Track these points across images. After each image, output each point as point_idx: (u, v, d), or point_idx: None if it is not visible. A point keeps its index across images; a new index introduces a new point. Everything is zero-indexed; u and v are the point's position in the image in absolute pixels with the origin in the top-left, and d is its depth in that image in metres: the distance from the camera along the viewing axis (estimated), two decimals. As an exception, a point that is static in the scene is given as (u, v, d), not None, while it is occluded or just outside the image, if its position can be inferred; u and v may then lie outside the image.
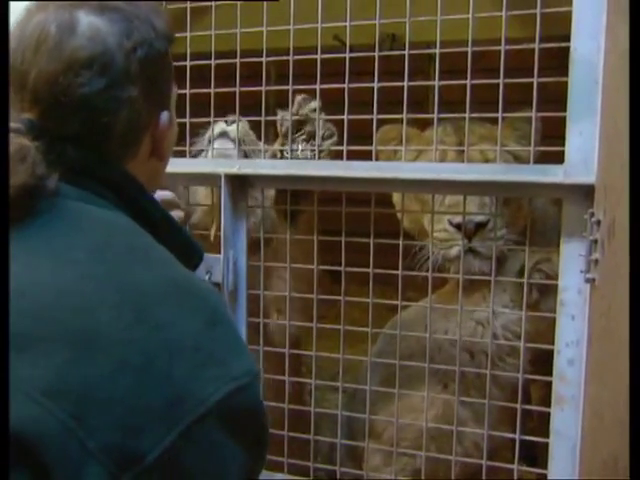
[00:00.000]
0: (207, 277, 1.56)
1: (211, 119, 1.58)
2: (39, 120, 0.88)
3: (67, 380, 0.72)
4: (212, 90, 1.56)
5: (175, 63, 1.01)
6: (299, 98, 1.61)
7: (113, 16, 0.89)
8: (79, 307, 0.75)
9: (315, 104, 1.61)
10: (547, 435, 1.37)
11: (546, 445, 1.37)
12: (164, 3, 1.56)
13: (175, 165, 1.56)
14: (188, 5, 1.56)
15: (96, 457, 0.70)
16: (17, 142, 0.82)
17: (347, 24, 1.45)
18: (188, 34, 1.57)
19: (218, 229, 1.59)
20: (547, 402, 1.40)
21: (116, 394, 0.72)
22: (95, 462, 0.70)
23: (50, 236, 0.82)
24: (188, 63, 1.57)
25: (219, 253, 1.54)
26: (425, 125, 1.84)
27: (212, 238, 1.63)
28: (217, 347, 0.79)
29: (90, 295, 0.76)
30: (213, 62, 1.56)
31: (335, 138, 1.58)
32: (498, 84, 1.36)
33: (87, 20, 0.88)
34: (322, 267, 1.57)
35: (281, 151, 1.66)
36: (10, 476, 0.69)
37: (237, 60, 1.53)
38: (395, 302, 1.53)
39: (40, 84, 0.87)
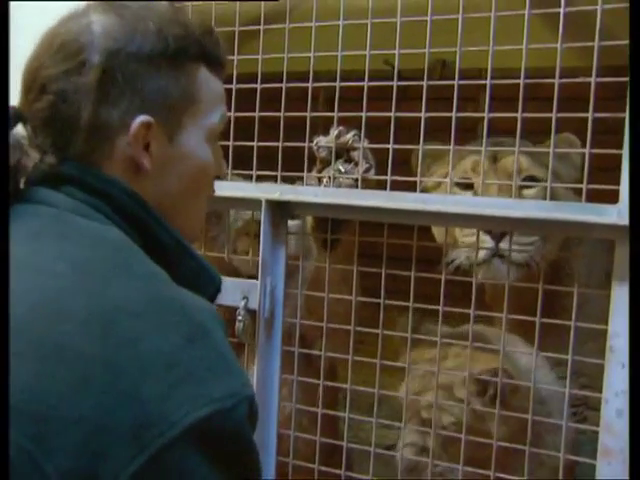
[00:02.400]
0: (243, 303, 1.54)
1: (254, 143, 1.56)
2: (21, 105, 0.89)
3: (28, 398, 0.68)
4: (257, 114, 1.55)
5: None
6: (336, 131, 1.57)
7: (114, 13, 0.88)
8: (50, 320, 0.72)
9: (352, 134, 1.58)
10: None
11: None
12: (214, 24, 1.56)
13: (216, 188, 1.57)
14: (236, 29, 1.55)
15: None
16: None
17: (396, 52, 1.42)
18: (235, 57, 1.56)
19: (256, 254, 1.57)
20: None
21: (78, 413, 0.67)
22: None
23: (37, 248, 0.80)
24: (234, 86, 1.56)
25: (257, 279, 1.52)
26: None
27: (250, 264, 1.61)
28: (197, 365, 0.72)
29: (62, 308, 0.73)
30: (259, 86, 1.55)
31: (373, 171, 1.55)
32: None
33: (88, 16, 0.89)
34: (361, 299, 1.54)
35: (319, 178, 1.63)
36: None
37: (283, 85, 1.52)
38: (435, 338, 1.48)
39: (25, 68, 0.90)
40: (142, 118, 0.87)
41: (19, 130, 0.86)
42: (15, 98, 0.91)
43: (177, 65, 0.90)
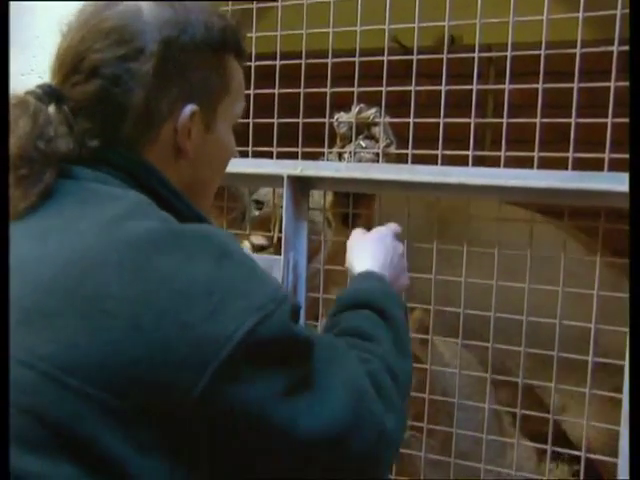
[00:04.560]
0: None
1: (275, 120, 1.56)
2: (59, 85, 0.89)
3: (84, 352, 0.71)
4: (276, 91, 1.55)
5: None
6: (357, 107, 1.58)
7: (163, 3, 0.89)
8: (83, 275, 0.75)
9: (373, 111, 1.59)
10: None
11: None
12: (230, 3, 1.56)
13: (237, 165, 1.58)
14: (254, 5, 1.55)
15: (135, 419, 0.71)
16: (34, 108, 0.84)
17: (415, 25, 1.42)
18: (254, 34, 1.56)
19: (279, 230, 1.58)
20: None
21: (135, 355, 0.71)
22: (135, 423, 0.71)
23: (61, 211, 0.82)
24: (253, 63, 1.56)
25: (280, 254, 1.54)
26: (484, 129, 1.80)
27: (275, 240, 1.62)
28: (232, 282, 0.77)
29: (92, 261, 0.76)
30: (278, 63, 1.55)
31: (394, 146, 1.56)
32: (560, 88, 1.32)
33: (136, 3, 0.89)
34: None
35: (340, 154, 1.64)
36: (50, 463, 0.70)
37: (302, 61, 1.52)
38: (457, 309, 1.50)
39: (65, 50, 0.89)
40: (191, 107, 0.89)
41: (51, 111, 0.86)
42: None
43: (219, 56, 0.93)
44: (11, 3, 0.97)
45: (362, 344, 0.95)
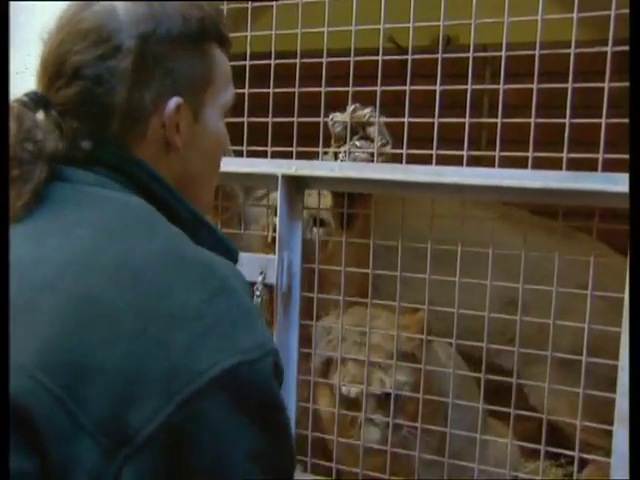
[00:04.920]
0: (261, 278, 1.55)
1: (269, 119, 1.56)
2: (44, 91, 0.89)
3: (62, 350, 0.70)
4: (271, 90, 1.55)
5: (235, 63, 1.00)
6: (352, 107, 1.58)
7: (138, 1, 0.89)
8: (79, 275, 0.74)
9: (368, 111, 1.59)
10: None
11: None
12: (225, 3, 1.56)
13: (232, 165, 1.58)
14: (249, 5, 1.55)
15: (88, 431, 0.68)
16: (17, 112, 0.84)
17: (410, 25, 1.42)
18: (249, 33, 1.56)
19: (274, 230, 1.58)
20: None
21: (109, 363, 0.69)
22: (87, 436, 0.68)
23: (61, 215, 0.82)
24: (248, 63, 1.56)
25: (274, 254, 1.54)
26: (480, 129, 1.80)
27: (269, 239, 1.62)
28: (222, 318, 0.74)
29: (90, 265, 0.75)
30: (273, 62, 1.55)
31: (390, 146, 1.56)
32: (555, 89, 1.32)
33: (111, 2, 0.89)
34: (376, 272, 1.55)
35: (335, 154, 1.64)
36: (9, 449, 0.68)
37: (297, 60, 1.52)
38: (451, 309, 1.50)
39: (47, 55, 0.89)
40: (175, 100, 0.89)
41: (39, 117, 0.86)
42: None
43: (198, 46, 0.92)
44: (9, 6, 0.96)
45: None
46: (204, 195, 0.99)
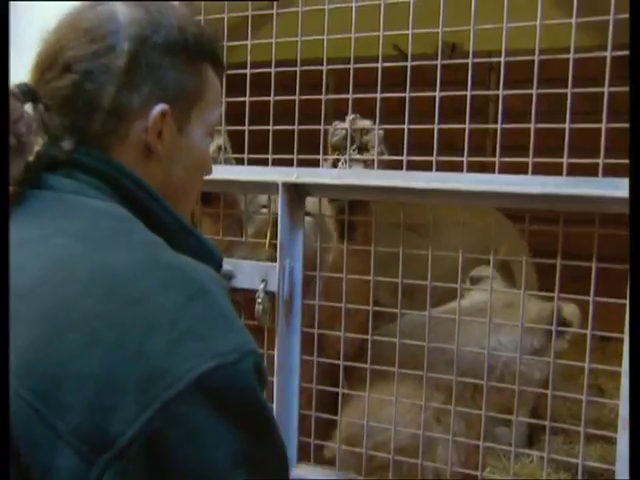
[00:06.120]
0: (262, 286, 1.55)
1: (270, 127, 1.57)
2: (35, 84, 0.90)
3: (37, 358, 0.70)
4: (272, 98, 1.56)
5: (236, 71, 1.01)
6: (351, 117, 1.58)
7: (137, 5, 0.92)
8: (56, 284, 0.75)
9: (368, 123, 1.59)
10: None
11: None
12: (225, 13, 1.57)
13: (233, 172, 1.59)
14: (249, 13, 1.56)
15: (65, 439, 0.68)
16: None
17: (410, 32, 1.43)
18: (249, 42, 1.57)
19: (273, 237, 1.58)
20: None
21: (86, 370, 0.69)
22: (65, 444, 0.68)
23: (38, 224, 0.82)
24: (248, 71, 1.57)
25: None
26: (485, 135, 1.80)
27: (267, 247, 1.62)
28: (199, 322, 0.74)
29: (66, 273, 0.76)
30: (273, 70, 1.56)
31: (386, 155, 1.56)
32: (558, 95, 1.32)
33: (112, 5, 0.91)
34: (379, 279, 1.55)
35: (334, 162, 1.64)
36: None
37: (297, 68, 1.53)
38: (453, 316, 1.49)
39: (43, 50, 0.91)
40: (161, 106, 0.90)
41: (27, 109, 0.87)
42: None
43: (192, 61, 0.94)
44: (9, 6, 0.98)
45: None
46: (181, 207, 0.99)
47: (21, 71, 0.97)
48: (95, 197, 0.86)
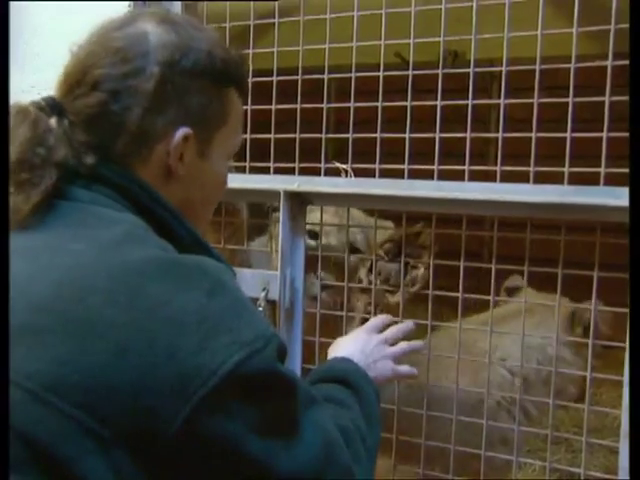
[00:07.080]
0: (264, 294, 1.55)
1: (272, 135, 1.57)
2: (62, 99, 0.91)
3: (70, 372, 0.72)
4: (273, 107, 1.56)
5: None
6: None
7: (169, 27, 0.92)
8: (74, 296, 0.76)
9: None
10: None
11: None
12: (227, 21, 1.58)
13: (234, 181, 1.58)
14: (251, 22, 1.56)
15: (115, 444, 0.71)
16: (34, 117, 0.86)
17: (411, 41, 1.43)
18: (251, 50, 1.57)
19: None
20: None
21: (121, 379, 0.72)
22: (116, 448, 0.71)
23: (54, 233, 0.84)
24: (250, 79, 1.57)
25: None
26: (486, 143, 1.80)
27: (273, 255, 1.62)
28: (223, 316, 0.78)
29: (84, 283, 0.77)
30: (275, 78, 1.56)
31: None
32: (561, 103, 1.32)
33: (143, 25, 0.91)
34: (381, 287, 1.55)
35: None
36: (20, 477, 0.69)
37: (299, 77, 1.53)
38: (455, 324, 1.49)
39: (72, 65, 0.92)
40: (184, 130, 0.91)
41: (52, 123, 0.88)
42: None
43: (218, 86, 0.95)
44: (12, 21, 0.98)
45: (335, 406, 0.98)
46: (197, 223, 1.01)
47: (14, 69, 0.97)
48: (109, 207, 0.87)
